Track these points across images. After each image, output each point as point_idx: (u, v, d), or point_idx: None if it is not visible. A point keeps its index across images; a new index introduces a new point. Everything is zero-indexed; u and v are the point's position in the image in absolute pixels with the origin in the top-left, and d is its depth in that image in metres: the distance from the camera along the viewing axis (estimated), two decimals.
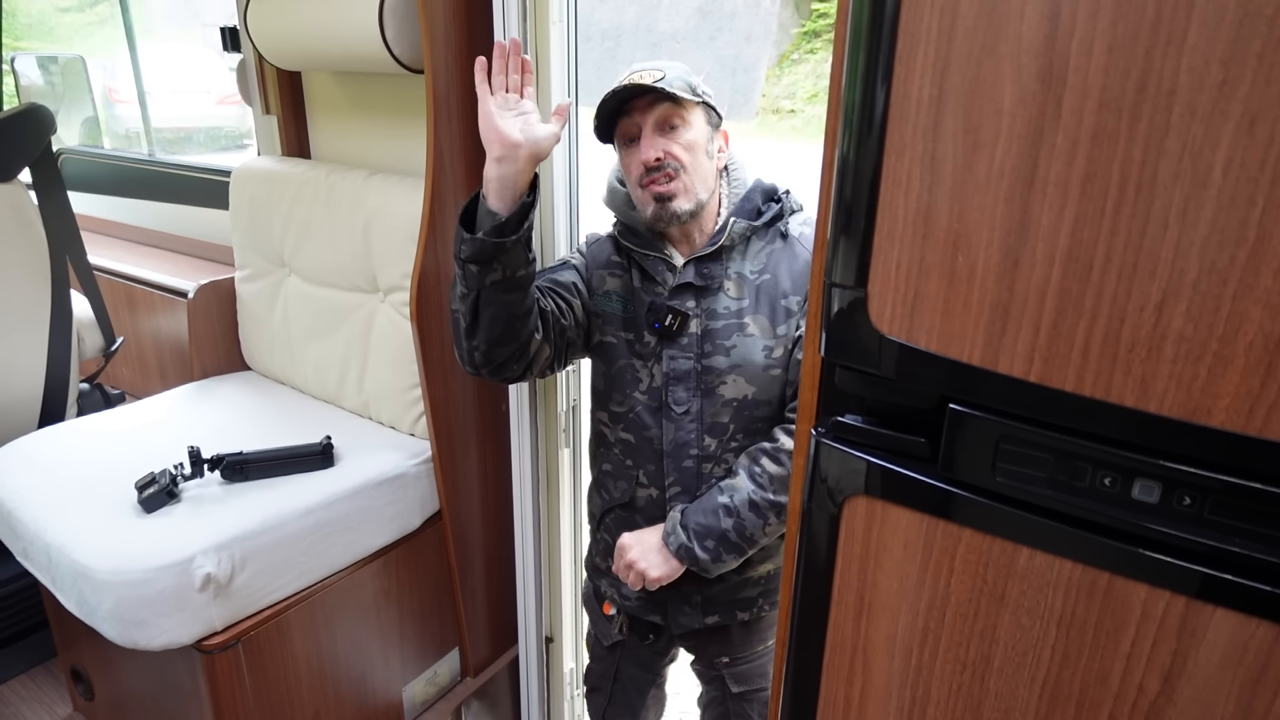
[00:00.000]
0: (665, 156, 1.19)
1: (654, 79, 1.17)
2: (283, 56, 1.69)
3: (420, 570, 1.63)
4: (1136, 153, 0.53)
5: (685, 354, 1.25)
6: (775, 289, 1.25)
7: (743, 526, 1.21)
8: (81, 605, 1.28)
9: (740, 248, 1.27)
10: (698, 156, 1.22)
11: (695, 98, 1.21)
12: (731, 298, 1.25)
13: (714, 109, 1.26)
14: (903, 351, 0.67)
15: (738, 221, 1.25)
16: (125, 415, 1.73)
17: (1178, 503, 0.57)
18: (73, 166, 2.84)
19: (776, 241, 1.28)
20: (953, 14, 0.58)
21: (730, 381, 1.25)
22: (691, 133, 1.21)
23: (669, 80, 1.18)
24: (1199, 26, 0.49)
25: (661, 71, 1.19)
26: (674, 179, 1.20)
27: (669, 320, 1.25)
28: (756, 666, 1.40)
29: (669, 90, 1.16)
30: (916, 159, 0.62)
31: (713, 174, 1.26)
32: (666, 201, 1.20)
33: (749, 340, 1.24)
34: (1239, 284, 0.51)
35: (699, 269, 1.25)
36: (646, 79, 1.18)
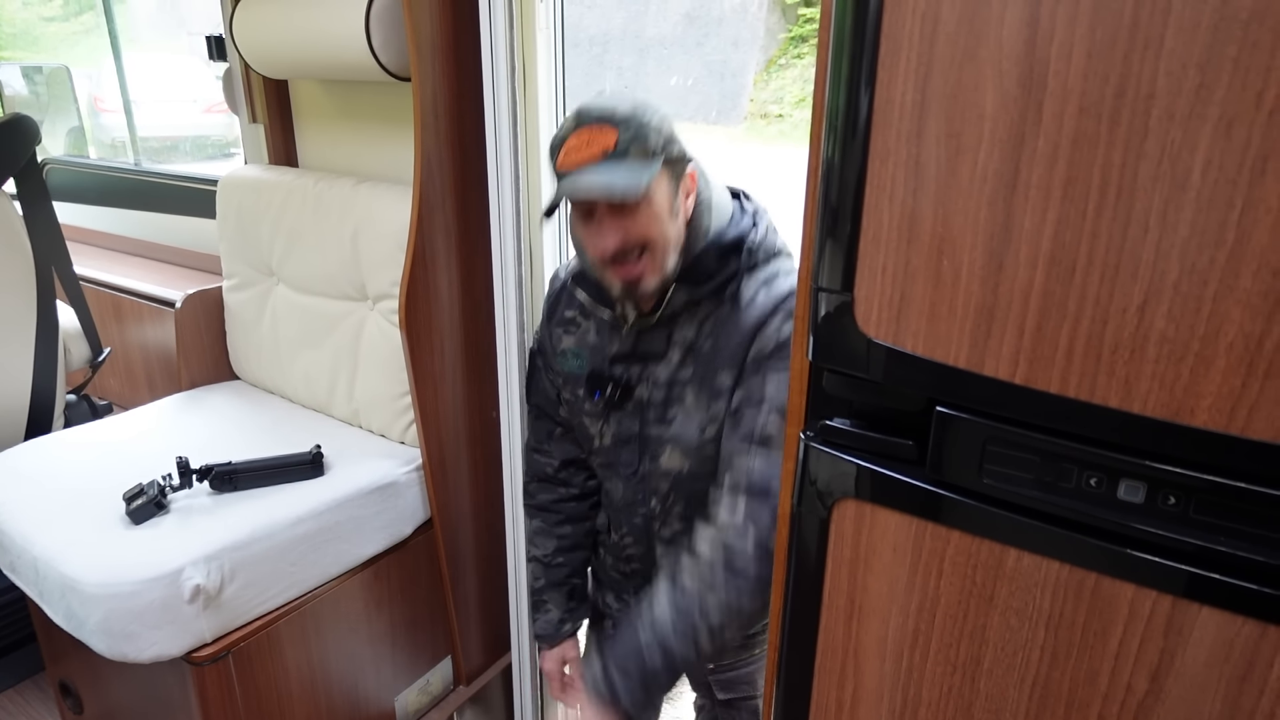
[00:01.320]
0: (624, 243, 1.06)
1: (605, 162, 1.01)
2: (269, 65, 1.69)
3: (412, 579, 1.63)
4: (1116, 156, 0.53)
5: (631, 419, 1.22)
6: (712, 362, 1.14)
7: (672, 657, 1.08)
8: (70, 618, 1.27)
9: (688, 311, 1.15)
10: (661, 230, 1.07)
11: (655, 159, 1.04)
12: (674, 366, 1.17)
13: (680, 158, 1.09)
14: (889, 355, 0.67)
15: (679, 290, 1.12)
16: (113, 426, 1.72)
17: (1163, 502, 0.58)
18: (58, 176, 2.82)
19: (724, 305, 1.13)
20: (934, 20, 0.58)
21: (668, 452, 1.20)
22: (652, 208, 1.05)
23: (624, 149, 1.02)
24: (1176, 31, 0.50)
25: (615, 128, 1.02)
26: (639, 261, 1.08)
27: (609, 390, 1.22)
28: (743, 674, 1.39)
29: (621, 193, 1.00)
30: (900, 163, 0.63)
31: (680, 233, 1.11)
32: (634, 284, 1.09)
33: (686, 415, 1.17)
34: (1219, 285, 0.52)
35: (641, 337, 1.18)
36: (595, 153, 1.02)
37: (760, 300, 1.12)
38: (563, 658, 1.44)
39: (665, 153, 1.06)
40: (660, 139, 1.05)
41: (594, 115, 1.04)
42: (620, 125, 1.03)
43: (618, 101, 1.06)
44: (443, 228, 1.48)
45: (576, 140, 1.04)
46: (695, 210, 1.13)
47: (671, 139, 1.07)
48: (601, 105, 1.05)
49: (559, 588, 1.41)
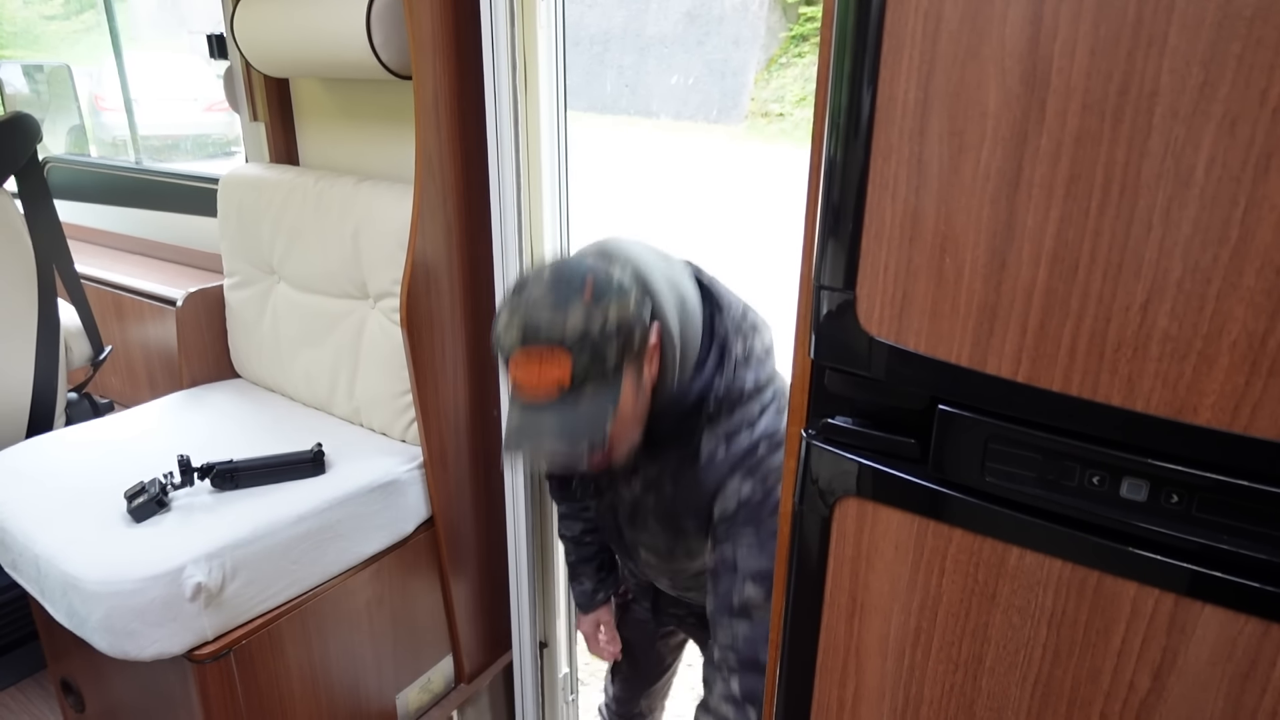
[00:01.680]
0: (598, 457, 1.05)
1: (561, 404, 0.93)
2: (270, 63, 1.69)
3: (413, 577, 1.63)
4: (1120, 154, 0.53)
5: (606, 510, 1.27)
6: (674, 505, 1.13)
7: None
8: (71, 616, 1.27)
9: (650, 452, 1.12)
10: (630, 426, 1.04)
11: (618, 372, 0.95)
12: (637, 492, 1.18)
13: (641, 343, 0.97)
14: (891, 353, 0.67)
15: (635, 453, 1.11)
16: (114, 424, 1.72)
17: (1165, 501, 0.58)
18: (59, 175, 2.82)
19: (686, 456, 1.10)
20: (937, 18, 0.58)
21: (643, 550, 1.25)
22: (621, 413, 0.99)
23: (581, 378, 0.93)
24: (1179, 28, 0.50)
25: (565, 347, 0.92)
26: (605, 454, 1.06)
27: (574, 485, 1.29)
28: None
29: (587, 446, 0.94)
30: (903, 161, 0.63)
31: (646, 406, 1.05)
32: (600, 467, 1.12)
33: (653, 535, 1.19)
34: (1222, 283, 0.52)
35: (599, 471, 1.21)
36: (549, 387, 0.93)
37: (720, 459, 1.08)
38: (598, 621, 1.55)
39: (626, 354, 0.96)
40: (619, 343, 0.94)
41: (541, 335, 0.93)
42: (573, 349, 0.92)
43: (566, 298, 0.93)
44: (444, 226, 1.48)
45: (525, 363, 0.94)
46: (660, 372, 1.05)
47: (631, 331, 0.95)
48: (547, 318, 0.93)
49: (590, 562, 1.50)
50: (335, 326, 1.72)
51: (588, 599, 1.52)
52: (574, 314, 0.93)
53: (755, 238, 6.73)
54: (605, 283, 0.96)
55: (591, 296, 0.94)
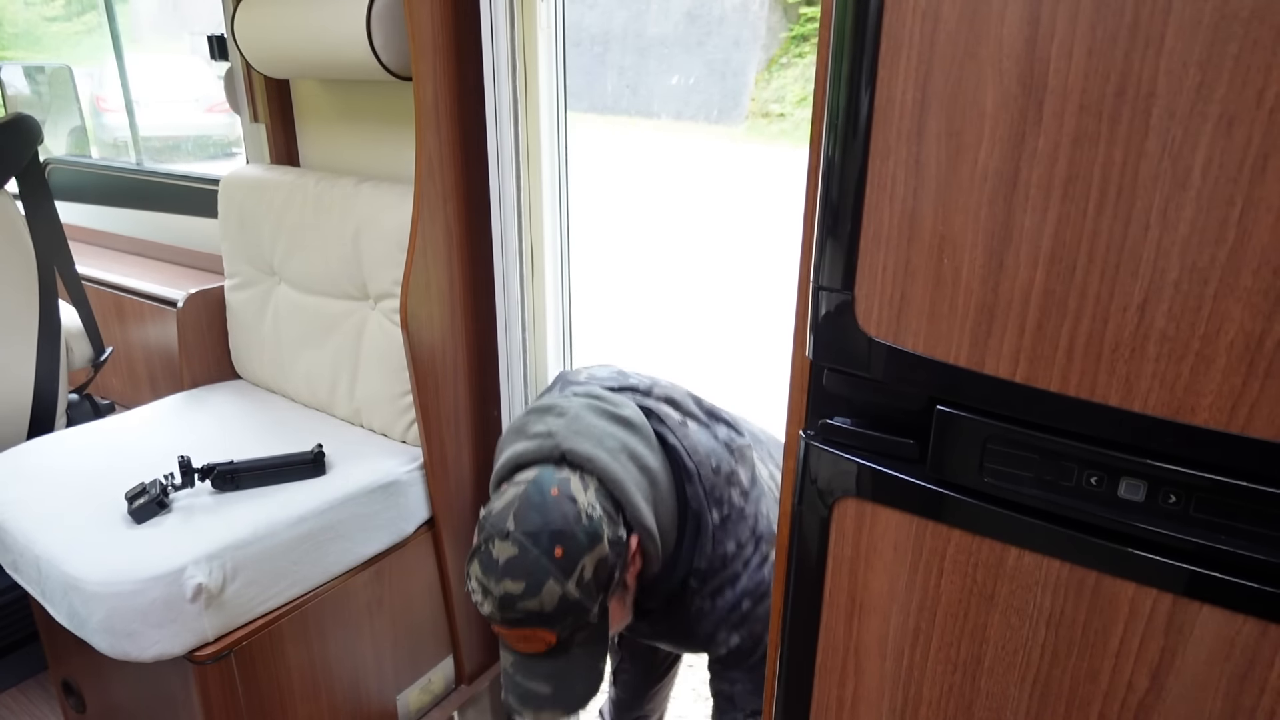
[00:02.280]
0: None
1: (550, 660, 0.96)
2: (270, 64, 1.69)
3: (413, 578, 1.63)
4: (1117, 155, 0.53)
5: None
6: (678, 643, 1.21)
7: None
8: (72, 617, 1.27)
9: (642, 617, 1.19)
10: (615, 626, 1.10)
11: (602, 623, 0.99)
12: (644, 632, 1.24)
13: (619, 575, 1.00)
14: (890, 354, 0.67)
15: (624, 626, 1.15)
16: (115, 425, 1.72)
17: (1163, 501, 0.58)
18: (60, 176, 2.83)
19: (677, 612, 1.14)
20: (935, 18, 0.58)
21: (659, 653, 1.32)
22: (610, 627, 1.05)
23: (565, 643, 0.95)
24: (1176, 30, 0.50)
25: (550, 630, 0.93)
26: None
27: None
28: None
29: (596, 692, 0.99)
30: (901, 162, 0.63)
31: (633, 599, 1.11)
32: None
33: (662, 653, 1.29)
34: (1219, 283, 0.52)
35: None
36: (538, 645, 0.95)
37: (706, 612, 1.12)
38: None
39: (609, 593, 0.98)
40: (601, 592, 0.95)
41: (520, 620, 0.92)
42: (554, 623, 0.93)
43: (541, 586, 0.91)
44: (444, 227, 1.48)
45: (508, 633, 0.95)
46: (643, 565, 1.08)
47: (609, 571, 0.96)
48: (524, 607, 0.91)
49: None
50: (336, 327, 1.72)
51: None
52: (549, 594, 0.92)
53: (756, 238, 6.73)
54: (574, 539, 0.93)
55: (565, 563, 0.92)
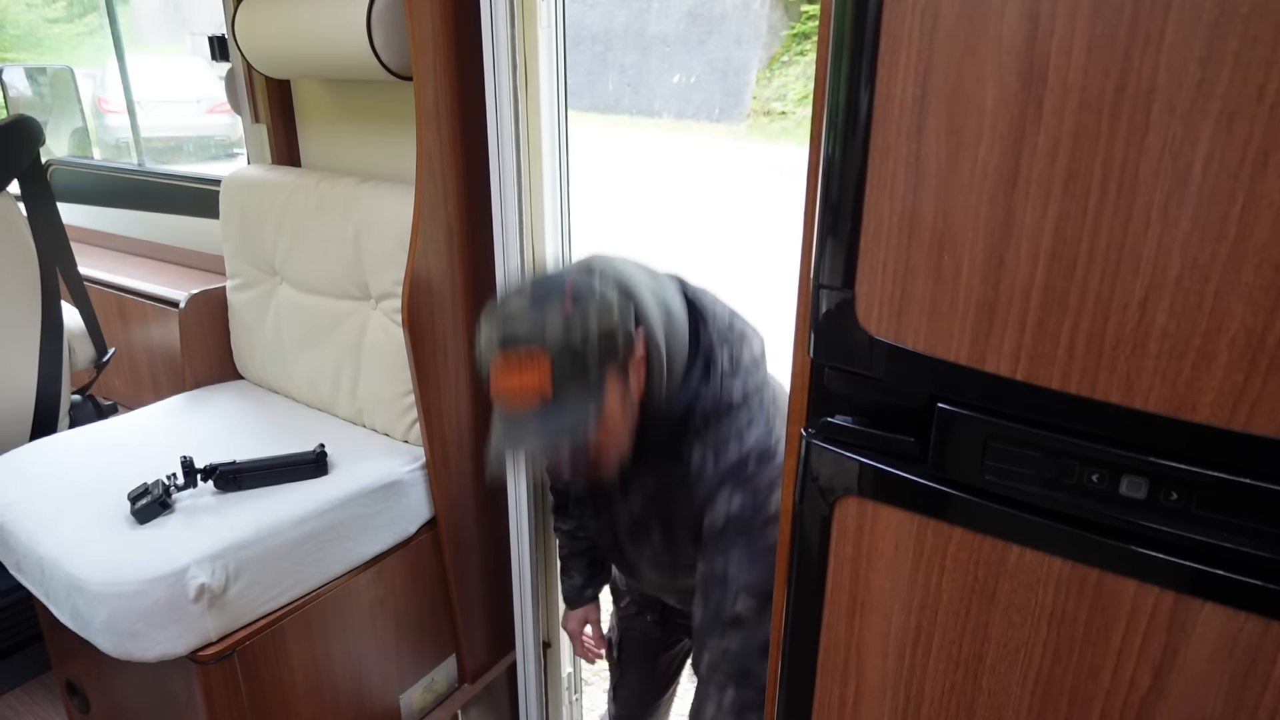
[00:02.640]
0: (587, 465, 1.05)
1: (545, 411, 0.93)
2: (271, 65, 1.69)
3: (416, 577, 1.63)
4: (1117, 151, 0.53)
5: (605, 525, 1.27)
6: (672, 519, 1.13)
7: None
8: (75, 618, 1.27)
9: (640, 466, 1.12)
10: (619, 435, 1.03)
11: (601, 372, 0.94)
12: (636, 509, 1.18)
13: (624, 349, 0.97)
14: (891, 352, 0.67)
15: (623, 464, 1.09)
16: (118, 426, 1.72)
17: (1165, 498, 0.58)
18: (62, 177, 2.83)
19: (676, 469, 1.09)
20: (934, 15, 0.58)
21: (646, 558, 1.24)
22: (607, 420, 0.99)
23: (561, 379, 0.92)
24: (1176, 25, 0.50)
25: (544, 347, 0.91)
26: (594, 464, 1.06)
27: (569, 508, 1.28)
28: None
29: (569, 442, 0.94)
30: (901, 160, 0.63)
31: (635, 415, 1.04)
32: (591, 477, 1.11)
33: (656, 549, 1.19)
34: (1221, 280, 0.52)
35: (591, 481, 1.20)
36: (530, 395, 0.92)
37: (709, 471, 1.07)
38: (585, 619, 1.54)
39: (609, 360, 0.95)
40: (601, 349, 0.93)
41: (520, 339, 0.92)
42: (550, 340, 0.91)
43: (545, 302, 0.93)
44: (445, 226, 1.48)
45: (505, 369, 0.94)
46: (647, 382, 1.04)
47: (612, 336, 0.94)
48: (526, 324, 0.93)
49: (582, 556, 1.50)
50: (337, 327, 1.72)
51: (576, 593, 1.51)
52: (552, 318, 0.92)
53: (758, 237, 6.73)
54: (585, 290, 0.95)
55: (571, 302, 0.93)
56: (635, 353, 0.99)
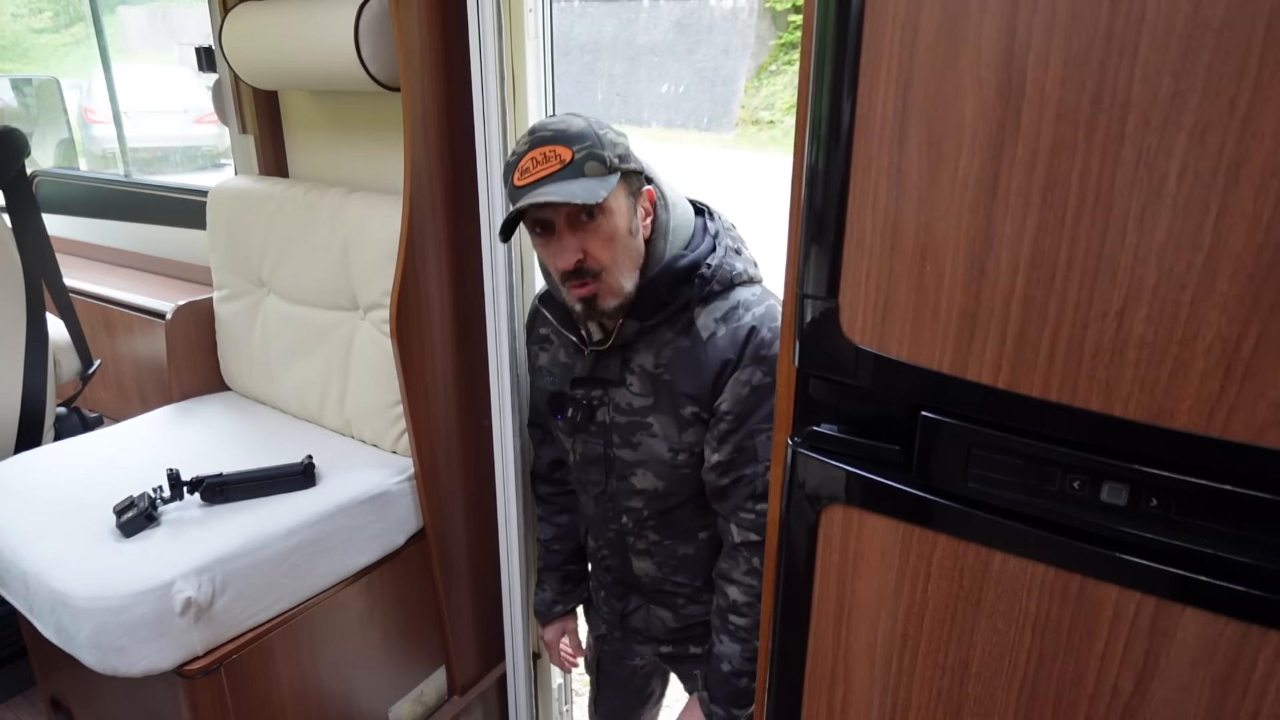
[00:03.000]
0: (585, 259, 1.06)
1: (562, 174, 1.01)
2: (258, 76, 1.69)
3: (405, 589, 1.62)
4: (1094, 162, 0.54)
5: (595, 440, 1.23)
6: (675, 394, 1.14)
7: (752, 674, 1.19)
8: (60, 633, 1.26)
9: (645, 338, 1.14)
10: (620, 246, 1.07)
11: (612, 174, 1.04)
12: (635, 393, 1.17)
13: (635, 172, 1.09)
14: (874, 361, 0.68)
15: (628, 323, 1.12)
16: (103, 439, 1.71)
17: (1145, 504, 0.59)
18: (48, 189, 2.82)
19: (681, 337, 1.13)
20: (914, 29, 0.59)
21: (639, 474, 1.21)
22: (612, 220, 1.05)
23: (580, 163, 1.02)
24: (1150, 39, 0.51)
25: (569, 146, 1.02)
26: (597, 281, 1.07)
27: (570, 413, 1.23)
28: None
29: (581, 201, 1.00)
30: (883, 171, 0.63)
31: (640, 252, 1.11)
32: (593, 302, 1.09)
33: (654, 439, 1.18)
34: (1196, 289, 0.53)
35: (599, 361, 1.18)
36: (553, 166, 1.02)
37: (722, 339, 1.10)
38: (562, 629, 1.52)
39: (621, 168, 1.06)
40: (614, 154, 1.05)
41: (548, 135, 1.04)
42: (574, 141, 1.03)
43: (570, 120, 1.07)
44: (433, 237, 1.48)
45: (532, 159, 1.04)
46: (653, 233, 1.13)
47: (626, 156, 1.07)
48: (555, 124, 1.06)
49: (555, 571, 1.49)
50: (325, 338, 1.72)
51: (545, 608, 1.49)
52: (576, 123, 1.06)
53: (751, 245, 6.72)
54: (607, 125, 1.09)
55: (595, 122, 1.07)
56: (644, 191, 1.12)
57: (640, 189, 1.11)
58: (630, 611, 1.38)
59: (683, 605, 1.33)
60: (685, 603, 1.32)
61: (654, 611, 1.35)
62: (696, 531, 1.25)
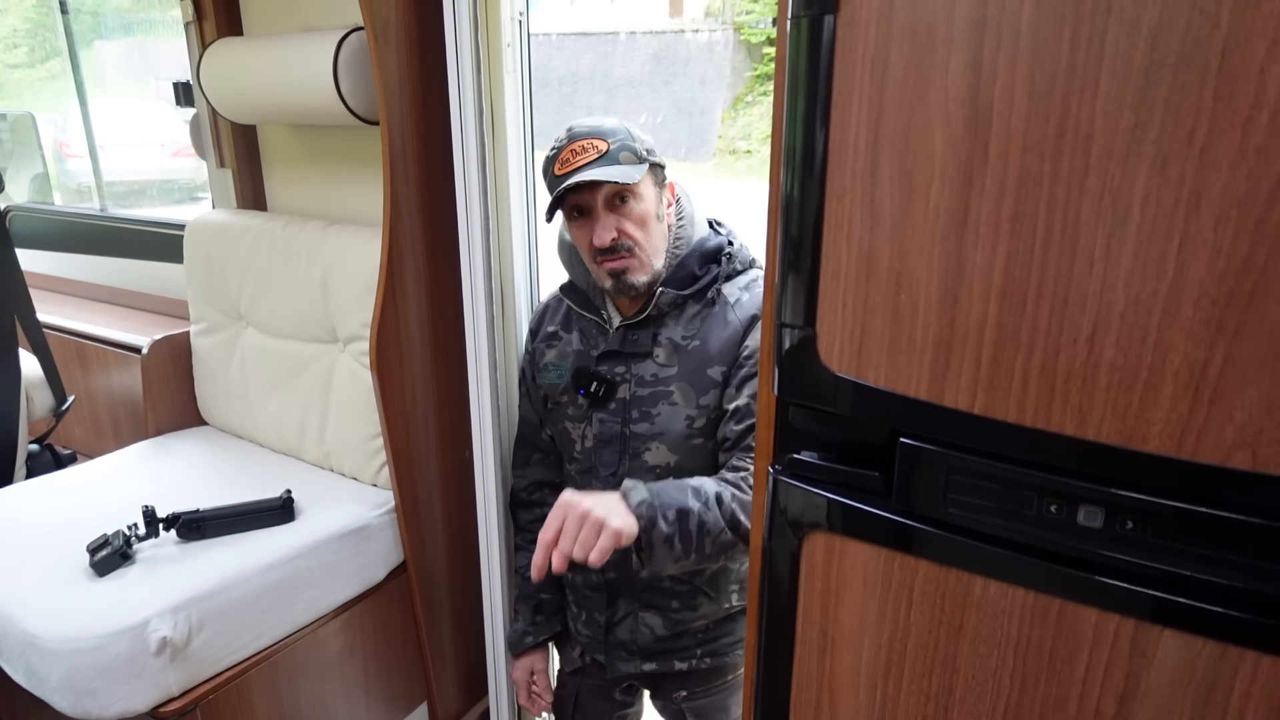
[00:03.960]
0: (620, 236, 1.19)
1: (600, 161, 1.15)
2: (237, 111, 1.70)
3: (386, 624, 1.60)
4: (1060, 193, 0.55)
5: (613, 418, 1.28)
6: (703, 356, 1.23)
7: (704, 519, 1.10)
8: (30, 676, 1.23)
9: (674, 313, 1.26)
10: (650, 227, 1.21)
11: (643, 163, 1.18)
12: (660, 364, 1.25)
13: (660, 165, 1.24)
14: (852, 388, 0.68)
15: (665, 292, 1.23)
16: (77, 476, 1.69)
17: (1120, 527, 0.59)
18: (21, 224, 2.79)
19: (709, 306, 1.25)
20: (884, 65, 0.61)
21: (654, 448, 1.26)
22: (643, 204, 1.20)
23: (615, 153, 1.16)
24: (1109, 74, 0.52)
25: (605, 139, 1.17)
26: (630, 256, 1.20)
27: (594, 387, 1.28)
28: (716, 701, 1.40)
29: (619, 180, 1.15)
30: (856, 201, 0.65)
31: (665, 236, 1.25)
32: (623, 275, 1.21)
33: (673, 409, 1.24)
34: (1162, 314, 0.54)
35: (627, 335, 1.27)
36: (591, 155, 1.15)
37: (746, 301, 1.24)
38: (531, 668, 1.50)
39: (650, 160, 1.20)
40: (644, 147, 1.20)
41: (585, 130, 1.19)
42: (609, 135, 1.18)
43: (604, 119, 1.21)
44: (412, 269, 1.49)
45: (571, 150, 1.18)
46: (681, 220, 1.28)
47: (653, 150, 1.22)
48: (590, 122, 1.20)
49: (528, 600, 1.48)
50: (304, 371, 1.71)
51: (517, 638, 1.48)
52: (609, 121, 1.20)
53: None
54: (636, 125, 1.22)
55: (626, 122, 1.21)
56: (668, 183, 1.27)
57: (665, 181, 1.26)
58: (617, 621, 1.36)
59: (675, 609, 1.32)
60: (679, 606, 1.32)
61: (642, 619, 1.34)
62: None
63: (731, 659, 1.37)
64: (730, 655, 1.37)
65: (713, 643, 1.35)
